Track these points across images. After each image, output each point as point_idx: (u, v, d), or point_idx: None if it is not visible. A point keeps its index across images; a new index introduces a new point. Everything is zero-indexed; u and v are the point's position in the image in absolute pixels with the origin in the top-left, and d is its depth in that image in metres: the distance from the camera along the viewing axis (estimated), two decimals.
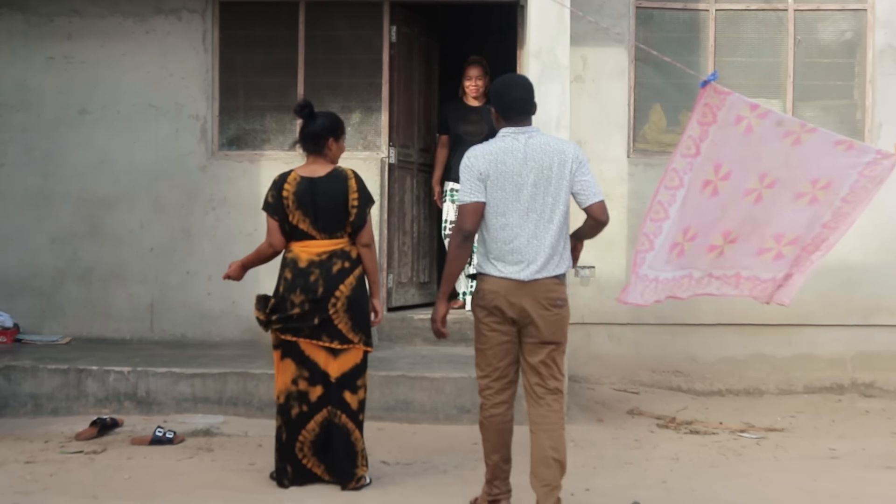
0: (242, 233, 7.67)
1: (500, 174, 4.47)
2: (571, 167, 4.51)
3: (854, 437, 6.44)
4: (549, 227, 4.49)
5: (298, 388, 5.05)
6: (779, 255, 5.40)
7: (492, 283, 4.51)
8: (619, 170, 7.85)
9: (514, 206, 4.47)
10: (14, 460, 5.52)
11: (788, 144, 5.24)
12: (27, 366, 6.57)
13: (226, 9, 7.84)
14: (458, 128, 7.54)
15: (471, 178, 4.49)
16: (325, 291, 5.00)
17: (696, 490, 5.19)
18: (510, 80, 4.73)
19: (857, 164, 5.24)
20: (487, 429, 4.62)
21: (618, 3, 7.80)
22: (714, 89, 5.19)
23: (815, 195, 5.27)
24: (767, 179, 5.27)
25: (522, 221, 4.47)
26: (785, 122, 5.35)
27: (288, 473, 5.07)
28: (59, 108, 7.80)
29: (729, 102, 5.23)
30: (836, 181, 5.25)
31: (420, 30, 8.17)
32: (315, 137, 5.09)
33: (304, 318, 5.01)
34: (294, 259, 5.07)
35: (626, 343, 7.83)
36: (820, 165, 5.24)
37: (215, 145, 7.85)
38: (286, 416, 5.07)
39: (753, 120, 5.24)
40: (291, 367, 5.06)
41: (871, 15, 7.87)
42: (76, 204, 7.81)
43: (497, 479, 4.66)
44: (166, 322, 7.79)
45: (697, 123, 5.25)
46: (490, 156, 4.49)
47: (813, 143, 5.26)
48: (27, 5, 7.79)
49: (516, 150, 4.49)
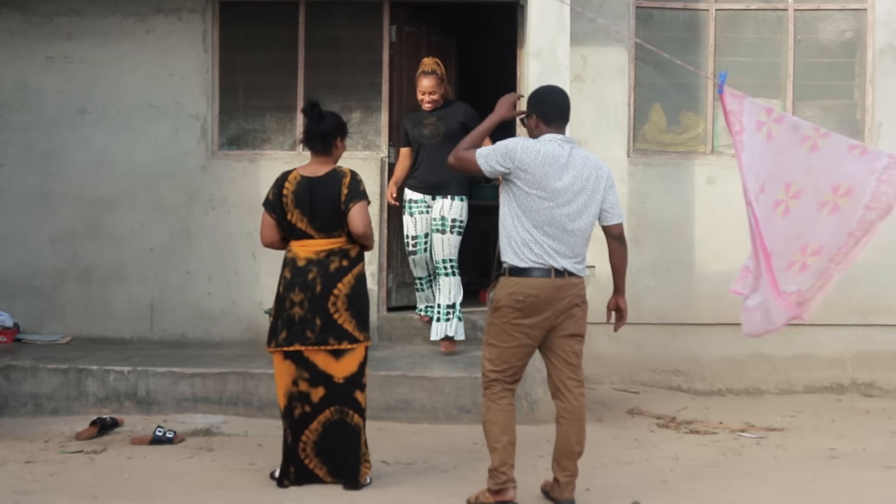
0: (242, 232, 7.67)
1: (543, 174, 4.66)
2: (606, 183, 4.81)
3: (854, 436, 6.44)
4: (579, 233, 4.74)
5: (299, 388, 5.06)
6: (803, 266, 5.26)
7: (528, 284, 4.69)
8: (619, 169, 7.82)
9: (550, 206, 4.67)
10: (14, 460, 5.52)
11: (807, 150, 5.12)
12: (27, 365, 6.57)
13: (226, 9, 7.84)
14: (414, 132, 7.09)
15: (505, 154, 4.70)
16: (324, 290, 5.01)
17: (696, 490, 5.19)
18: (551, 88, 5.09)
19: (875, 170, 5.14)
20: (496, 411, 4.77)
21: (618, 3, 7.80)
22: (731, 94, 5.12)
23: (837, 203, 5.12)
24: (792, 189, 5.12)
25: (557, 222, 4.68)
26: (800, 127, 5.23)
27: (290, 474, 5.08)
28: (59, 107, 7.80)
29: (747, 107, 5.15)
30: (857, 188, 5.12)
31: (431, 28, 8.15)
32: (325, 137, 5.11)
33: (306, 320, 5.01)
34: (293, 258, 5.08)
35: (626, 343, 7.81)
36: (839, 172, 5.10)
37: (215, 145, 7.85)
38: (290, 417, 5.07)
39: (772, 125, 5.13)
40: (291, 367, 5.07)
41: (871, 15, 7.87)
42: (76, 204, 7.81)
43: (505, 465, 4.73)
44: (166, 322, 7.80)
45: (733, 134, 5.14)
46: (535, 153, 4.69)
47: (829, 148, 5.14)
48: (27, 5, 7.79)
49: (560, 155, 4.71)
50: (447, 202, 6.93)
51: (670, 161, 7.89)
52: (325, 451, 5.06)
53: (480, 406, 6.36)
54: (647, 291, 7.65)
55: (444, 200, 6.93)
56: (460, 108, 7.09)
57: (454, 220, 6.91)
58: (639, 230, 7.79)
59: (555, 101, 4.89)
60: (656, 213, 7.83)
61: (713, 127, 7.86)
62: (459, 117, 6.98)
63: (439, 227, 6.91)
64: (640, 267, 7.76)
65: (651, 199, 7.84)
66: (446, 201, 6.93)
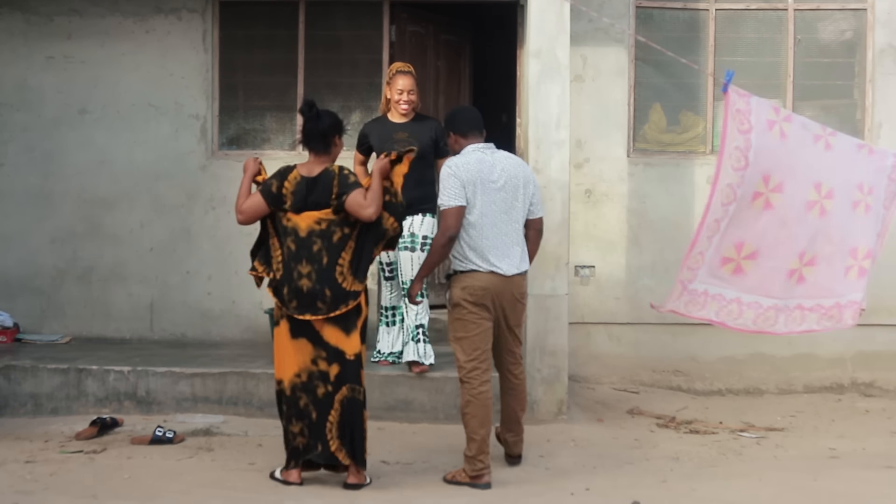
0: (242, 232, 7.60)
1: (481, 181, 5.18)
2: (531, 179, 5.37)
3: (854, 436, 6.44)
4: (518, 228, 5.31)
5: (319, 368, 5.06)
6: (861, 271, 5.19)
7: (480, 278, 5.20)
8: (619, 169, 7.85)
9: (493, 208, 5.20)
10: (14, 460, 5.52)
11: (822, 149, 5.06)
12: (27, 365, 6.58)
13: (226, 9, 7.84)
14: (384, 147, 6.16)
15: (454, 185, 5.17)
16: (330, 260, 5.02)
17: (696, 490, 5.19)
18: (459, 107, 5.91)
19: (884, 168, 5.12)
20: (476, 406, 5.17)
21: (618, 3, 7.80)
22: (737, 93, 5.06)
23: (867, 202, 5.07)
24: (824, 189, 5.04)
25: (500, 222, 5.22)
26: (808, 126, 5.18)
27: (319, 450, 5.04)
28: (60, 107, 7.80)
29: (754, 106, 5.07)
30: (876, 186, 5.09)
31: (440, 27, 8.14)
32: (323, 136, 5.14)
33: (315, 292, 5.01)
34: (294, 228, 5.08)
35: (626, 343, 7.83)
36: (856, 170, 5.06)
37: (215, 145, 7.85)
38: (311, 394, 5.04)
39: (783, 124, 5.06)
40: (308, 347, 5.07)
41: (871, 15, 7.87)
42: (76, 203, 7.81)
43: (482, 454, 5.14)
44: (166, 322, 7.80)
45: (739, 133, 5.04)
46: (469, 165, 5.20)
47: (841, 147, 5.10)
48: (27, 5, 7.79)
49: (485, 160, 5.24)
50: (417, 219, 6.47)
51: (670, 161, 7.89)
52: (343, 432, 5.06)
53: None
54: (646, 291, 7.64)
55: (415, 217, 6.46)
56: (433, 124, 6.59)
57: (425, 237, 6.45)
58: (639, 230, 7.79)
59: (464, 116, 5.45)
60: (656, 213, 7.83)
61: (713, 127, 7.86)
62: (431, 134, 6.49)
63: (408, 245, 6.45)
64: (640, 267, 7.77)
65: (651, 199, 7.84)
66: (416, 218, 6.46)
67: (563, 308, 6.59)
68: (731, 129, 5.06)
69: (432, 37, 8.11)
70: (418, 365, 6.49)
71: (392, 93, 6.51)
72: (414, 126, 6.51)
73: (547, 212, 6.51)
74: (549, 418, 6.53)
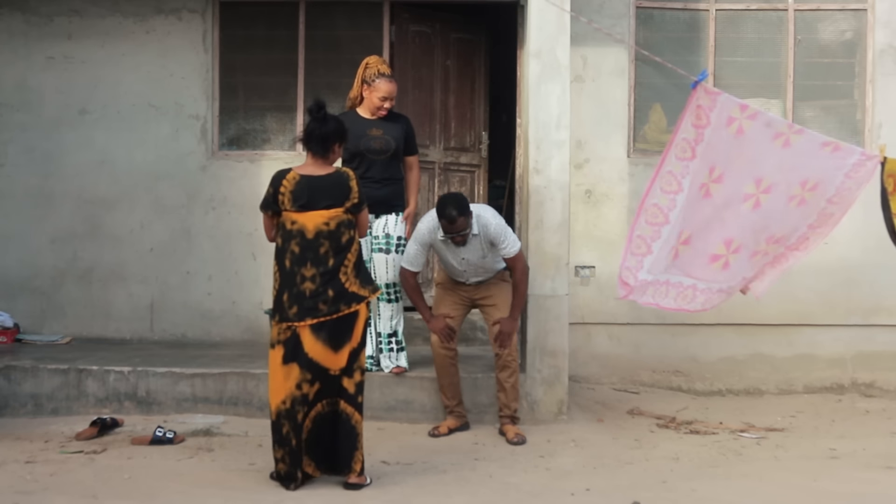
0: (242, 233, 7.68)
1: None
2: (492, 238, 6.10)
3: (854, 437, 6.44)
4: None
5: (302, 391, 5.04)
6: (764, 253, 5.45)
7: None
8: (619, 170, 7.85)
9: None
10: (14, 460, 5.52)
11: (779, 147, 5.26)
12: (27, 366, 6.57)
13: (226, 9, 7.84)
14: (359, 145, 6.23)
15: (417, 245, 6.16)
16: (336, 262, 5.02)
17: (696, 490, 5.19)
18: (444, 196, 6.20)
19: (844, 166, 5.28)
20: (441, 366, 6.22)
21: (618, 3, 7.80)
22: (704, 90, 5.20)
23: (804, 197, 5.30)
24: (763, 184, 5.28)
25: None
26: (773, 124, 5.38)
27: (298, 479, 5.05)
28: (60, 107, 7.80)
29: (720, 103, 5.25)
30: (823, 183, 5.29)
31: (449, 26, 8.12)
32: (325, 140, 5.11)
33: (318, 294, 5.00)
34: (301, 230, 5.04)
35: (626, 343, 7.83)
36: (809, 167, 5.27)
37: (215, 145, 7.85)
38: (292, 421, 5.03)
39: (744, 121, 5.25)
40: (296, 371, 5.03)
41: (871, 15, 7.88)
42: (76, 204, 7.81)
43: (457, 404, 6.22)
44: (166, 322, 7.80)
45: (692, 126, 5.26)
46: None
47: (801, 144, 5.30)
48: (27, 5, 7.79)
49: None
50: (391, 218, 6.37)
51: None
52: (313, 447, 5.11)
53: (480, 406, 6.46)
54: None
55: (389, 217, 6.36)
56: (405, 122, 6.52)
57: (399, 237, 6.36)
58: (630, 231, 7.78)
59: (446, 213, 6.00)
60: None
61: None
62: (403, 133, 6.43)
63: (382, 247, 6.34)
64: None
65: None
66: (391, 217, 6.37)
67: (563, 308, 6.58)
68: (685, 122, 5.28)
69: (440, 36, 8.09)
70: (397, 366, 6.52)
71: (373, 97, 6.36)
72: (388, 124, 6.41)
73: (547, 212, 6.53)
74: (550, 418, 6.53)
